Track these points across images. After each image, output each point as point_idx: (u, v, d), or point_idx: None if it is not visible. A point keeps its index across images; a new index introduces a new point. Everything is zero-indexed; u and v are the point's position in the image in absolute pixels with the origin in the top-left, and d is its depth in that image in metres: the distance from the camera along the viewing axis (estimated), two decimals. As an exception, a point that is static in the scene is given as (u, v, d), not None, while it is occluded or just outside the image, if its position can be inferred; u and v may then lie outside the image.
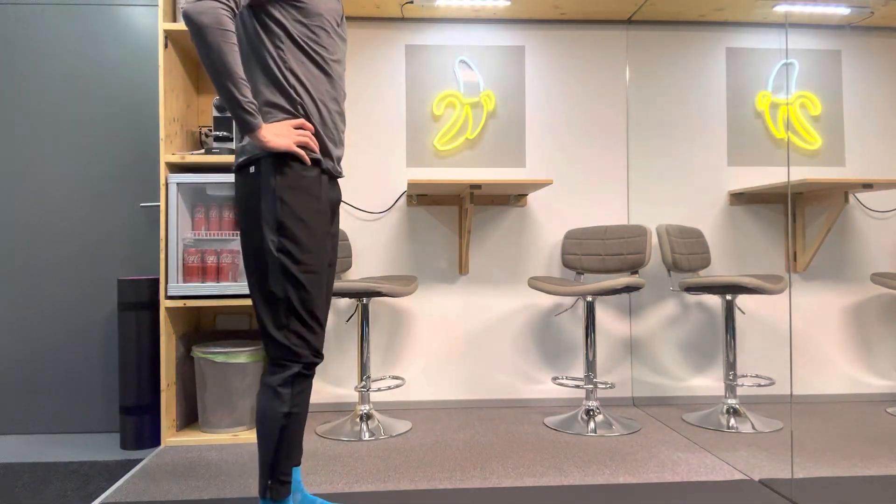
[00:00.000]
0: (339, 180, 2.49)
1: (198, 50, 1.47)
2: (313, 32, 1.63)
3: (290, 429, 1.58)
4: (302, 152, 1.58)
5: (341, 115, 1.73)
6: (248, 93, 1.50)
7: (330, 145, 1.67)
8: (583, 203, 3.27)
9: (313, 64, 1.63)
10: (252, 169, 1.59)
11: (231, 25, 1.47)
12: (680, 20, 3.27)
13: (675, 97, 3.27)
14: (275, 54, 1.60)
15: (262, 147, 1.55)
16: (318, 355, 1.63)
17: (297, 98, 1.61)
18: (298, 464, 1.80)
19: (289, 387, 1.58)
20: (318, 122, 1.64)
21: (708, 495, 2.03)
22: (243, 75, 1.49)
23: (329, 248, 1.71)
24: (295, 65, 1.61)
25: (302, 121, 1.60)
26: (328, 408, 3.16)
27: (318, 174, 1.64)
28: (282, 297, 1.58)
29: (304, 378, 1.60)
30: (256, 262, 1.60)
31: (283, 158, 1.57)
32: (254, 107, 1.51)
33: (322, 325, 1.65)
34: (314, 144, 1.61)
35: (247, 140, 1.60)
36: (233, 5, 1.49)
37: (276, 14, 1.59)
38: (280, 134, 1.55)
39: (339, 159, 1.74)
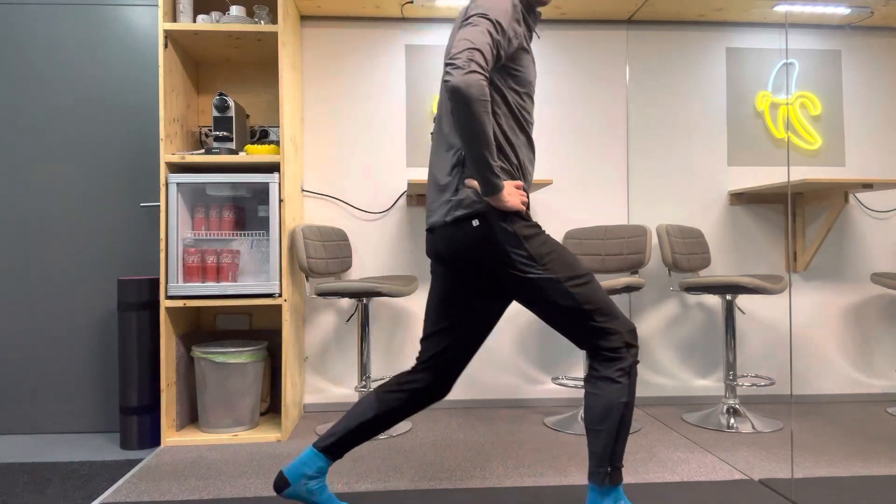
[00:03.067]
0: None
1: (460, 119, 1.54)
2: (523, 99, 1.75)
3: (628, 417, 1.67)
4: (524, 209, 1.70)
5: (532, 173, 1.86)
6: (496, 157, 1.62)
7: (530, 201, 1.83)
8: (583, 203, 3.27)
9: (520, 129, 1.76)
10: (476, 222, 1.68)
11: (489, 95, 1.56)
12: (680, 20, 3.27)
13: (675, 97, 3.27)
14: (493, 120, 1.70)
15: (498, 206, 1.65)
16: (634, 334, 1.71)
17: (514, 161, 1.73)
18: (333, 460, 1.84)
19: (627, 377, 1.67)
20: (525, 183, 1.77)
21: (708, 495, 2.03)
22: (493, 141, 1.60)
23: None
24: (508, 130, 1.72)
25: (520, 182, 1.72)
26: (328, 408, 3.16)
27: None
28: (579, 307, 1.67)
29: (635, 368, 1.70)
30: (538, 297, 1.69)
31: (506, 212, 1.68)
32: (499, 170, 1.62)
33: (620, 315, 1.72)
34: (527, 201, 1.74)
35: (463, 193, 1.69)
36: (488, 75, 1.58)
37: (497, 81, 1.70)
38: (512, 195, 1.66)
39: None
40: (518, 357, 3.23)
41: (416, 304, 3.22)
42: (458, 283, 1.80)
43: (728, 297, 2.89)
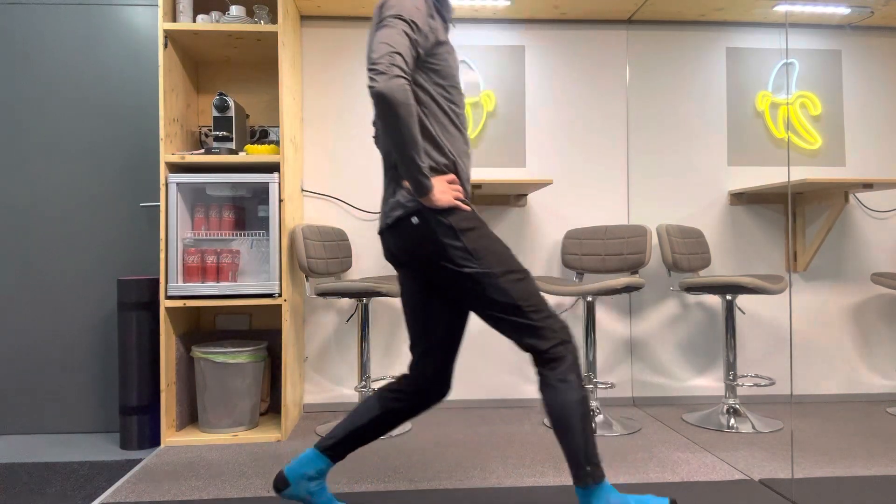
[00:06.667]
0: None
1: (387, 124, 1.57)
2: (448, 92, 1.76)
3: (587, 412, 1.67)
4: (461, 205, 1.71)
5: (469, 166, 1.86)
6: (425, 158, 1.64)
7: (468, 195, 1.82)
8: (583, 203, 3.27)
9: (451, 124, 1.76)
10: (415, 220, 1.69)
11: (412, 98, 1.58)
12: (680, 20, 3.27)
13: (675, 97, 3.27)
14: (422, 120, 1.72)
15: (430, 206, 1.67)
16: (568, 330, 1.72)
17: (447, 158, 1.74)
18: (333, 462, 1.85)
19: (572, 373, 1.68)
20: (461, 178, 1.78)
21: (708, 495, 2.03)
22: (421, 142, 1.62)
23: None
24: (437, 127, 1.74)
25: (453, 176, 1.73)
26: (328, 408, 3.16)
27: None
28: (514, 303, 1.68)
29: (577, 361, 1.71)
30: (475, 293, 1.70)
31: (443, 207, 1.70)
32: (428, 170, 1.63)
33: (553, 314, 1.73)
34: (462, 196, 1.74)
35: (399, 195, 1.72)
36: (409, 77, 1.60)
37: (421, 80, 1.72)
38: (444, 191, 1.68)
39: None
40: (518, 357, 3.23)
41: (416, 304, 3.21)
42: (418, 286, 1.80)
43: (728, 297, 2.89)
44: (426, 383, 1.82)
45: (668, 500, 1.66)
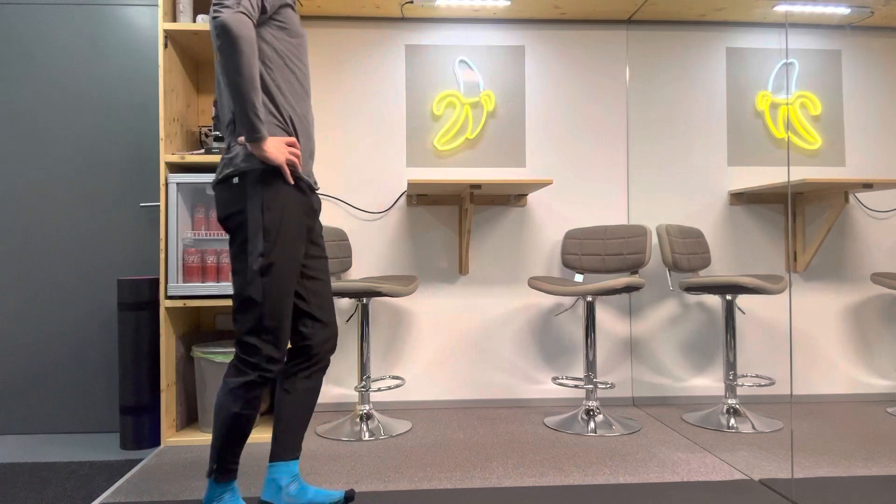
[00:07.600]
0: (319, 188, 2.62)
1: (227, 56, 1.56)
2: (297, 50, 1.78)
3: (239, 427, 1.71)
4: (288, 171, 1.69)
5: (313, 128, 1.87)
6: (261, 103, 1.65)
7: (309, 160, 1.82)
8: (583, 203, 3.27)
9: (297, 82, 1.77)
10: (235, 180, 1.69)
11: (255, 37, 1.61)
12: (680, 20, 3.27)
13: (675, 97, 3.27)
14: (265, 73, 1.72)
15: (260, 157, 1.65)
16: (275, 362, 1.73)
17: (286, 115, 1.74)
18: (297, 457, 1.87)
19: (243, 390, 1.70)
20: (302, 138, 1.78)
21: (708, 495, 2.03)
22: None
23: (301, 259, 1.81)
24: (282, 83, 1.74)
25: (293, 139, 1.72)
26: (328, 408, 3.16)
27: (297, 190, 1.75)
28: (259, 302, 1.68)
29: (259, 386, 1.72)
30: (239, 266, 1.71)
31: (266, 173, 1.68)
32: (264, 116, 1.64)
33: (287, 335, 1.75)
34: (299, 165, 1.73)
35: (234, 152, 1.70)
36: (255, 20, 1.63)
37: (266, 35, 1.72)
38: (278, 148, 1.67)
39: (312, 173, 1.88)
40: (518, 357, 3.23)
41: (416, 305, 3.22)
42: None
43: (728, 297, 2.89)
44: (302, 346, 1.87)
45: None
